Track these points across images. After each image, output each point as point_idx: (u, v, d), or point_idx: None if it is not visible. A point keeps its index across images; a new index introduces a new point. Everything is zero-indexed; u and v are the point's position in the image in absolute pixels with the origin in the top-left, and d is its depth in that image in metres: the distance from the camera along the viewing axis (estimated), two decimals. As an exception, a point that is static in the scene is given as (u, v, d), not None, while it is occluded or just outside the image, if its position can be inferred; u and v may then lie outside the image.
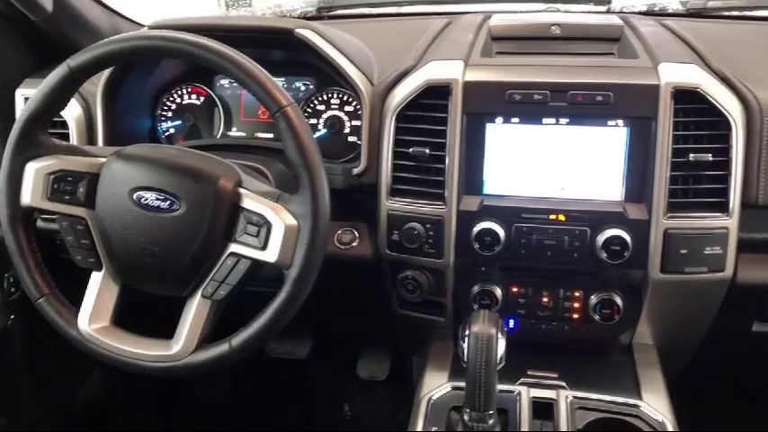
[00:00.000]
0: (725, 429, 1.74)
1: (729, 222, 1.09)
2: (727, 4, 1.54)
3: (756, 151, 1.10)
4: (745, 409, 1.79)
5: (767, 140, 1.10)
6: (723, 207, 1.09)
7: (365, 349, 1.85)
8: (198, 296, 0.99)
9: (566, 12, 1.61)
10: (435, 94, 1.15)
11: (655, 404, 1.09)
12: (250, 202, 0.96)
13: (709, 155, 1.08)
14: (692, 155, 1.08)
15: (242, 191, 0.97)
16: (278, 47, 1.33)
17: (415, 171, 1.17)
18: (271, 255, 0.94)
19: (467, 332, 0.98)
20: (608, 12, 1.58)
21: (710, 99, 1.07)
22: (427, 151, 1.15)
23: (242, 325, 0.98)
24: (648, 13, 1.58)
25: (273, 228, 0.94)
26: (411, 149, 1.15)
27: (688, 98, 1.08)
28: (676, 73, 1.10)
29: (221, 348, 0.98)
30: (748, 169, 1.10)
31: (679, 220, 1.09)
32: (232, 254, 0.97)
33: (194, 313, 0.99)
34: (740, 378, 1.64)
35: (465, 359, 0.97)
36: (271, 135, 1.40)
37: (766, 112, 1.10)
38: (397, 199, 1.18)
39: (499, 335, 0.97)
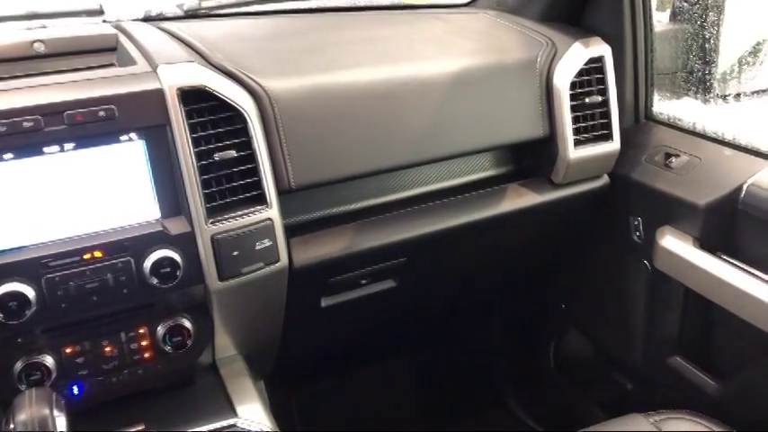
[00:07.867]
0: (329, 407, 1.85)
1: (271, 213, 1.09)
2: (221, 2, 1.56)
3: (277, 139, 1.12)
4: (341, 379, 1.92)
5: (283, 127, 1.12)
6: (261, 199, 1.08)
7: None
8: None
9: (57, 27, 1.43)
10: None
11: (250, 415, 1.05)
12: None
13: (233, 151, 1.06)
14: (216, 155, 1.04)
15: None
16: None
17: None
18: None
19: (11, 425, 0.80)
20: (104, 22, 1.46)
21: (218, 95, 1.05)
22: None
23: None
24: (148, 20, 1.50)
25: None
26: None
27: (197, 98, 1.04)
28: (177, 74, 1.04)
29: None
30: (274, 157, 1.11)
31: (223, 224, 1.05)
32: None
33: None
34: (325, 353, 1.74)
35: None
36: None
37: (275, 100, 1.12)
38: None
39: (56, 412, 0.82)
